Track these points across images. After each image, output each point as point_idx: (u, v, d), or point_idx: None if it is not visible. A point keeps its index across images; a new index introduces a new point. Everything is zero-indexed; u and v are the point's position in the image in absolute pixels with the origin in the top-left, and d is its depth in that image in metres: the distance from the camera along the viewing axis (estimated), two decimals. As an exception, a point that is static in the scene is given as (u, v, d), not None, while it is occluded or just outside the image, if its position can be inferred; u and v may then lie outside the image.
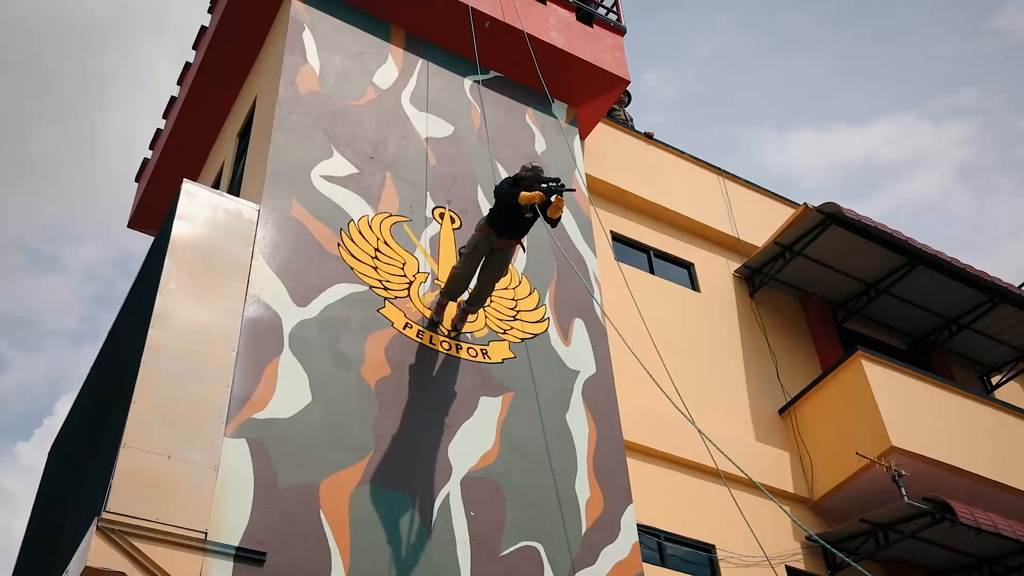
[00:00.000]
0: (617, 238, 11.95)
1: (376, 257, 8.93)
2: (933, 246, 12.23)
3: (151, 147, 13.82)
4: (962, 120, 42.77)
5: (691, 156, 13.65)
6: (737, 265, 12.82)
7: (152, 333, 7.10)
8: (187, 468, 6.60)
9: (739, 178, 13.92)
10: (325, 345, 7.99)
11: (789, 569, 9.90)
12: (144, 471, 6.42)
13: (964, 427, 11.06)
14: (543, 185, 8.00)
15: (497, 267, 8.50)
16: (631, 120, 14.51)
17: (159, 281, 7.42)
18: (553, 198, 8.05)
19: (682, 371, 10.90)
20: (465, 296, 8.72)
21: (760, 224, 13.18)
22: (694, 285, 12.34)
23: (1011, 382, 14.27)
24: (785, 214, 13.29)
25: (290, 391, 7.53)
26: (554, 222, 8.24)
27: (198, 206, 8.16)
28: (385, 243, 9.10)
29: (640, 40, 41.77)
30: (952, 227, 42.74)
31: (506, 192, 8.08)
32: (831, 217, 11.79)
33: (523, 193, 7.96)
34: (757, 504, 10.28)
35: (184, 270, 7.63)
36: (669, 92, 44.26)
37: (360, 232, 8.99)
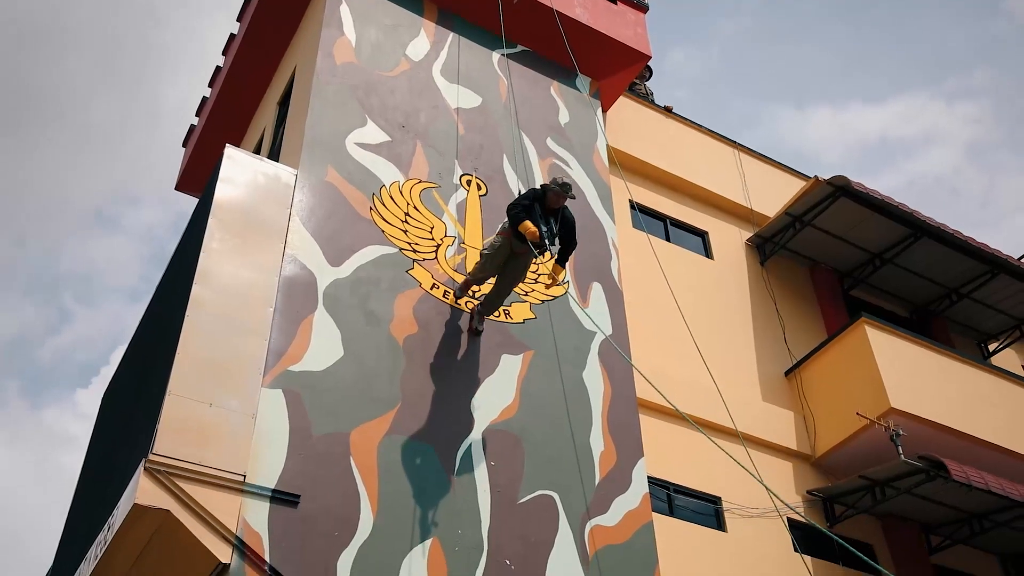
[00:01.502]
0: (635, 206, 11.84)
1: (406, 221, 8.91)
2: (943, 221, 12.07)
3: (197, 114, 13.83)
4: (974, 99, 41.97)
5: (708, 129, 13.48)
6: (749, 234, 12.69)
7: (195, 289, 7.15)
8: (227, 416, 6.67)
9: (753, 151, 13.75)
10: (357, 303, 8.01)
11: (790, 521, 9.88)
12: (187, 417, 6.50)
13: (961, 391, 10.96)
14: (544, 241, 7.75)
15: (517, 272, 8.18)
16: (651, 94, 14.33)
17: (202, 240, 7.45)
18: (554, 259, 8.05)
19: (695, 334, 10.85)
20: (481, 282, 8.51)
21: (772, 195, 13.03)
22: (708, 253, 12.24)
23: (1007, 349, 14.12)
24: (797, 186, 13.12)
25: (323, 346, 7.56)
26: (542, 251, 7.87)
27: (239, 170, 8.17)
28: (415, 208, 9.08)
29: (667, 19, 41.21)
30: (961, 203, 42.11)
31: (515, 214, 7.79)
32: (840, 189, 11.64)
33: (526, 223, 7.69)
34: (761, 460, 10.27)
35: (226, 230, 7.66)
36: (694, 69, 43.72)
37: (391, 197, 8.97)
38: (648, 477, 8.72)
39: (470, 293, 8.60)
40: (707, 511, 9.49)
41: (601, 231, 10.38)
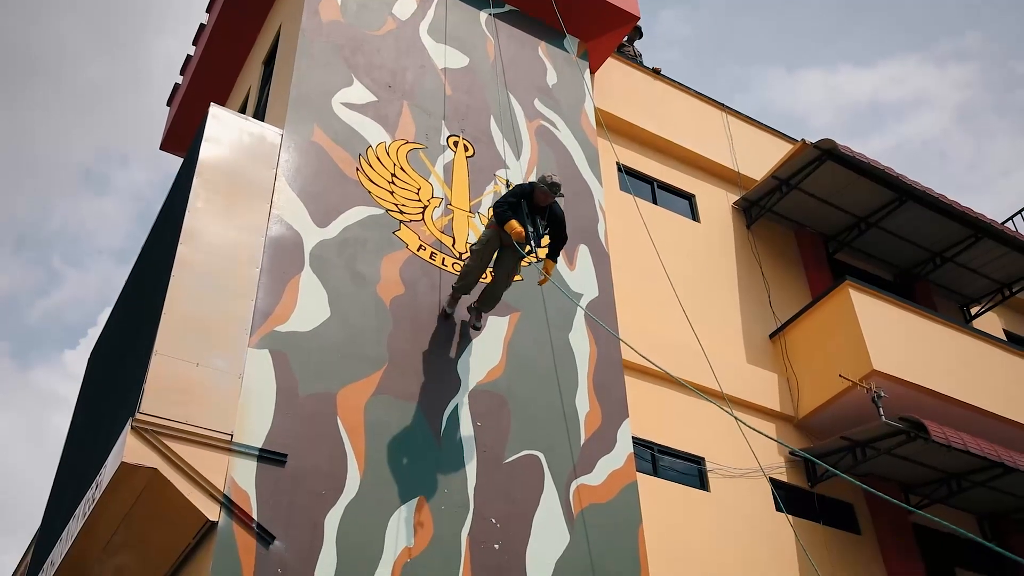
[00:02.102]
0: (622, 169, 11.81)
1: (392, 182, 8.86)
2: (930, 185, 12.11)
3: (182, 73, 13.65)
4: (964, 63, 41.89)
5: (696, 92, 13.42)
6: (736, 197, 12.69)
7: (181, 249, 7.11)
8: (214, 375, 6.67)
9: (741, 114, 13.71)
10: (343, 264, 7.99)
11: (773, 481, 10.01)
12: (174, 377, 6.50)
13: (942, 353, 11.06)
14: (531, 242, 7.52)
15: (510, 264, 7.91)
16: (640, 56, 14.22)
17: (188, 200, 7.40)
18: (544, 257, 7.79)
19: (681, 297, 10.89)
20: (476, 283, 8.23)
21: (760, 159, 13.01)
22: (695, 216, 12.24)
23: (989, 312, 14.23)
24: (784, 149, 13.11)
25: (310, 306, 7.55)
26: (526, 253, 7.62)
27: (224, 129, 8.09)
28: (401, 169, 9.03)
29: (657, -22, 40.84)
30: (949, 166, 42.21)
31: (501, 212, 7.59)
32: (827, 153, 11.63)
33: (512, 222, 7.49)
34: (745, 421, 10.37)
35: (211, 190, 7.60)
36: (684, 31, 43.39)
37: (378, 158, 8.91)
38: (633, 438, 8.80)
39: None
40: (691, 471, 9.59)
41: (588, 193, 10.35)
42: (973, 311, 14.07)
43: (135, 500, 6.48)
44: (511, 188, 7.92)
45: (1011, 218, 16.33)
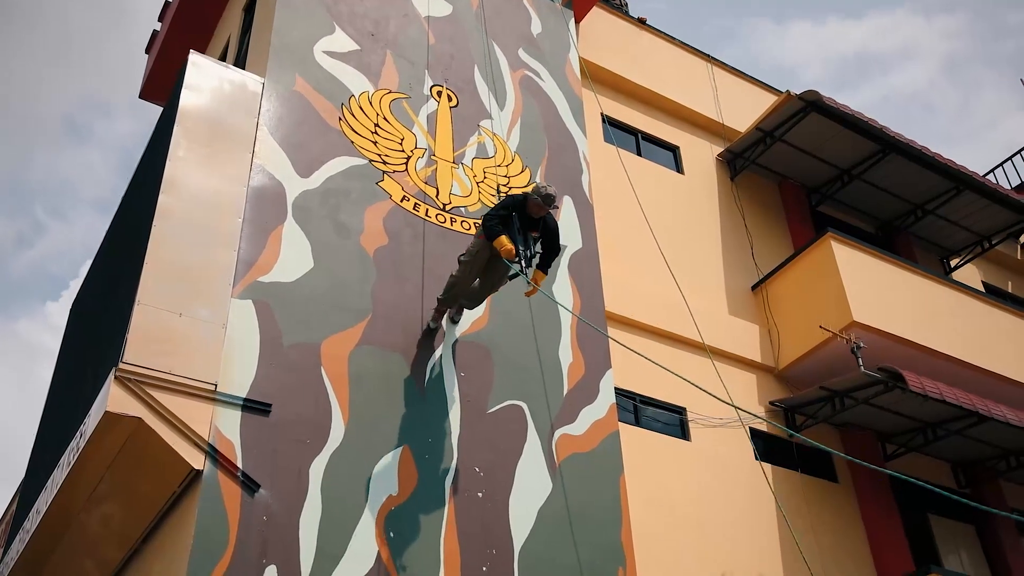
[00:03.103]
0: (607, 120, 11.74)
1: (376, 132, 8.78)
2: (916, 137, 12.11)
3: (160, 19, 13.40)
4: (953, 13, 41.65)
5: (681, 42, 13.30)
6: (720, 149, 12.65)
7: (162, 199, 7.05)
8: (197, 325, 6.65)
9: (726, 65, 13.62)
10: (326, 215, 7.94)
11: (753, 430, 10.13)
12: (157, 327, 6.48)
13: (922, 305, 11.16)
14: (520, 261, 7.09)
15: (497, 275, 7.55)
16: (625, 5, 14.04)
17: (168, 149, 7.31)
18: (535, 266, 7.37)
19: (664, 249, 10.91)
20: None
21: (744, 110, 12.96)
22: (679, 168, 12.21)
23: (968, 265, 14.35)
24: (769, 101, 13.05)
25: (293, 257, 7.52)
26: (516, 274, 7.29)
27: (205, 77, 7.97)
28: (384, 119, 8.93)
29: (642, -74, 40.14)
30: (936, 118, 42.19)
31: (491, 227, 7.16)
32: (811, 104, 11.59)
33: (502, 239, 7.08)
34: (727, 372, 10.46)
35: (192, 139, 7.51)
36: (670, -21, 42.85)
37: (360, 107, 8.81)
38: (615, 389, 8.86)
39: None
40: (672, 421, 9.69)
41: (572, 145, 10.30)
42: (953, 263, 14.18)
43: (119, 449, 6.49)
44: (502, 199, 7.43)
45: (992, 170, 16.42)
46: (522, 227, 7.26)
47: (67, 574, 8.06)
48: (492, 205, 9.03)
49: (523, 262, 7.12)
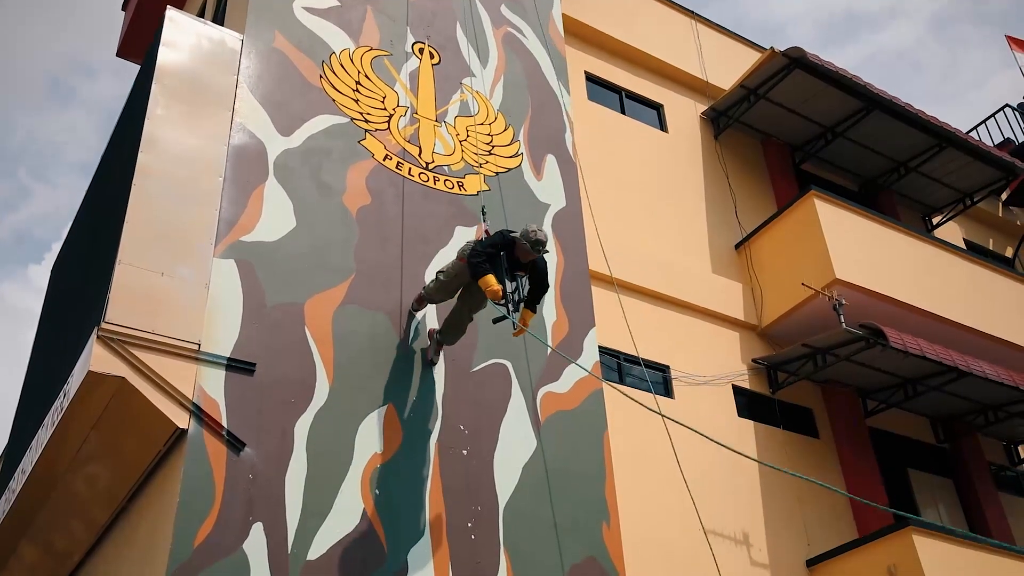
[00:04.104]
0: (590, 78, 11.68)
1: (357, 90, 8.71)
2: (903, 96, 12.13)
3: (136, -24, 13.16)
4: (941, -32, 41.42)
5: (665, -1, 13.20)
6: (704, 108, 12.63)
7: (142, 157, 6.98)
8: (179, 285, 6.64)
9: (711, 22, 13.54)
10: (308, 174, 7.90)
11: (735, 388, 10.25)
12: (139, 286, 6.46)
13: (904, 262, 11.25)
14: (507, 305, 6.68)
15: (477, 299, 7.19)
16: (609, -39, 13.89)
17: (146, 107, 7.23)
18: (521, 308, 6.92)
19: (648, 207, 10.93)
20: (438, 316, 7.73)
21: (729, 68, 12.90)
22: (663, 126, 12.18)
23: (950, 222, 14.45)
24: (753, 59, 13.00)
25: (275, 216, 7.49)
26: (502, 318, 6.83)
27: (182, 34, 7.86)
28: (366, 76, 8.86)
29: None
30: (923, 77, 42.11)
31: (477, 263, 6.73)
32: (795, 61, 11.57)
33: (488, 279, 6.66)
34: (710, 330, 10.56)
35: (170, 97, 7.43)
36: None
37: (341, 65, 8.72)
38: (599, 347, 8.92)
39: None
40: (656, 379, 9.77)
41: (555, 103, 10.25)
42: (935, 221, 14.29)
43: (103, 409, 6.50)
44: (491, 235, 7.02)
45: (975, 127, 16.47)
46: (510, 267, 6.85)
47: (55, 534, 8.11)
48: (474, 164, 9.01)
49: (510, 306, 6.68)
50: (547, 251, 6.90)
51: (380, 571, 6.49)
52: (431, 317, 7.87)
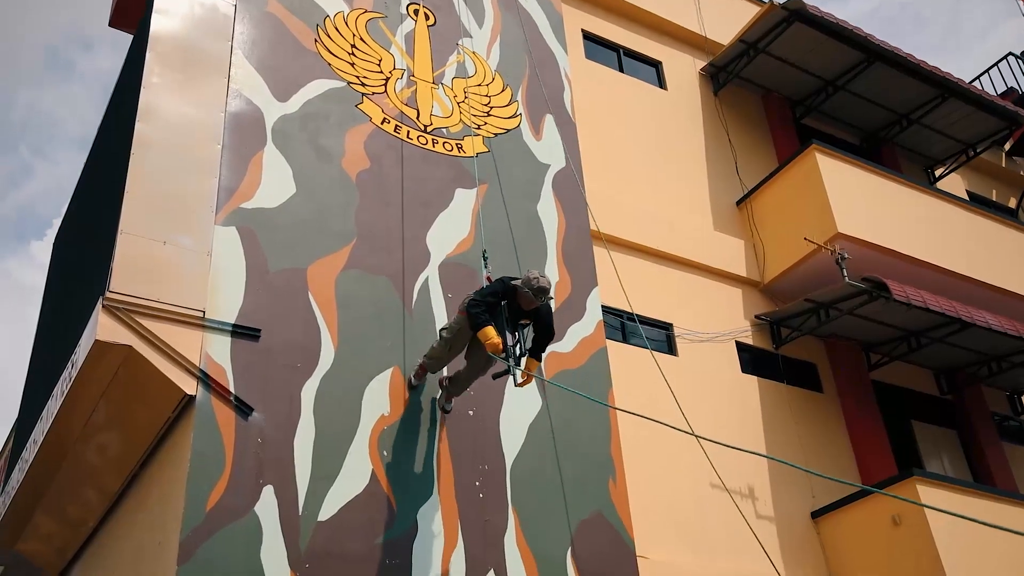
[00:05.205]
0: (588, 36, 11.61)
1: (353, 53, 8.69)
2: (906, 48, 12.03)
3: (125, -56, 13.02)
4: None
5: (662, -47, 13.06)
6: (703, 63, 12.56)
7: (139, 127, 7.01)
8: (182, 253, 6.69)
9: (708, -24, 13.41)
10: (306, 139, 7.91)
11: (739, 344, 10.31)
12: (142, 255, 6.52)
13: (906, 215, 11.26)
14: (509, 359, 6.38)
15: (483, 358, 6.81)
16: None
17: (142, 76, 7.23)
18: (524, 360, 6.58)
19: (648, 165, 10.92)
20: (446, 370, 7.34)
21: (728, 23, 12.81)
22: (661, 83, 12.13)
23: (952, 174, 14.42)
24: (752, 13, 12.91)
25: (275, 182, 7.52)
26: (505, 372, 6.54)
27: (175, 1, 7.83)
28: (361, 39, 8.83)
29: None
30: (926, 30, 41.68)
31: (476, 314, 6.41)
32: (794, 14, 11.48)
33: (487, 331, 6.34)
34: (712, 287, 10.60)
35: (165, 64, 7.43)
36: None
37: (336, 28, 8.70)
38: (602, 306, 8.98)
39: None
40: (659, 337, 9.84)
41: (553, 62, 10.22)
42: (937, 173, 14.26)
43: (111, 378, 6.59)
44: (491, 283, 6.72)
45: (978, 77, 16.38)
46: (511, 316, 6.55)
47: (68, 503, 8.25)
48: (473, 125, 9.00)
49: (512, 360, 6.38)
50: (551, 298, 6.55)
51: (390, 531, 6.62)
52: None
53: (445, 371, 7.35)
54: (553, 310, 6.66)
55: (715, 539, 8.62)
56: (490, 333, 6.33)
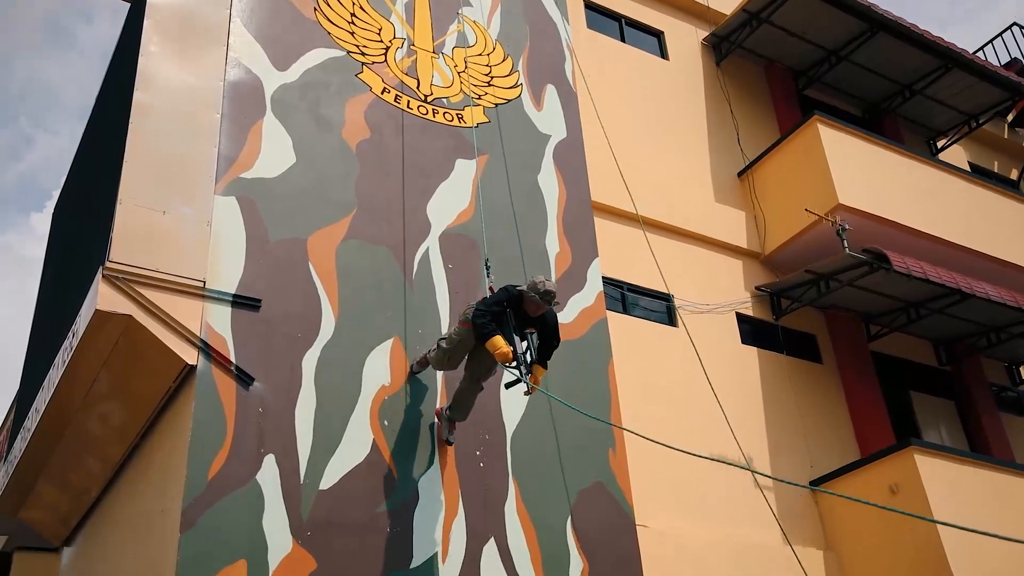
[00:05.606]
0: (589, 6, 11.49)
1: (353, 22, 8.60)
2: (912, 19, 11.92)
3: (122, -89, 12.87)
4: None
5: (664, -79, 12.89)
6: (705, 34, 12.45)
7: (137, 95, 6.95)
8: (181, 222, 6.66)
9: (711, -56, 13.26)
10: (306, 108, 7.85)
11: (739, 315, 10.30)
12: (141, 225, 6.49)
13: (907, 186, 11.20)
14: (519, 367, 6.19)
15: (486, 365, 6.71)
16: None
17: (140, 44, 7.16)
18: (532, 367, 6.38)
19: (649, 136, 10.85)
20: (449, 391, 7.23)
21: (730, -8, 12.70)
22: (663, 53, 12.03)
23: (954, 146, 14.34)
24: (755, -19, 12.76)
25: (275, 152, 7.47)
26: (515, 382, 6.32)
27: (172, -31, 7.73)
28: (361, 8, 8.74)
29: None
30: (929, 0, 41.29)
31: (483, 324, 6.26)
32: (798, -17, 11.37)
33: (495, 340, 6.19)
34: (713, 258, 10.57)
35: (163, 33, 7.36)
36: None
37: (336, -3, 8.60)
38: (603, 277, 8.95)
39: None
40: (659, 308, 9.83)
41: (555, 32, 10.12)
42: (939, 144, 14.18)
43: (112, 347, 6.58)
44: (495, 292, 6.57)
45: (982, 47, 16.24)
46: (518, 324, 6.38)
47: (71, 471, 8.28)
48: (473, 95, 8.93)
49: (522, 368, 6.19)
50: (557, 303, 6.44)
51: (391, 500, 6.64)
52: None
53: (438, 402, 7.21)
54: (557, 295, 6.48)
55: (714, 508, 8.67)
56: (499, 343, 6.17)
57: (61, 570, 9.73)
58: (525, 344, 6.36)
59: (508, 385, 6.42)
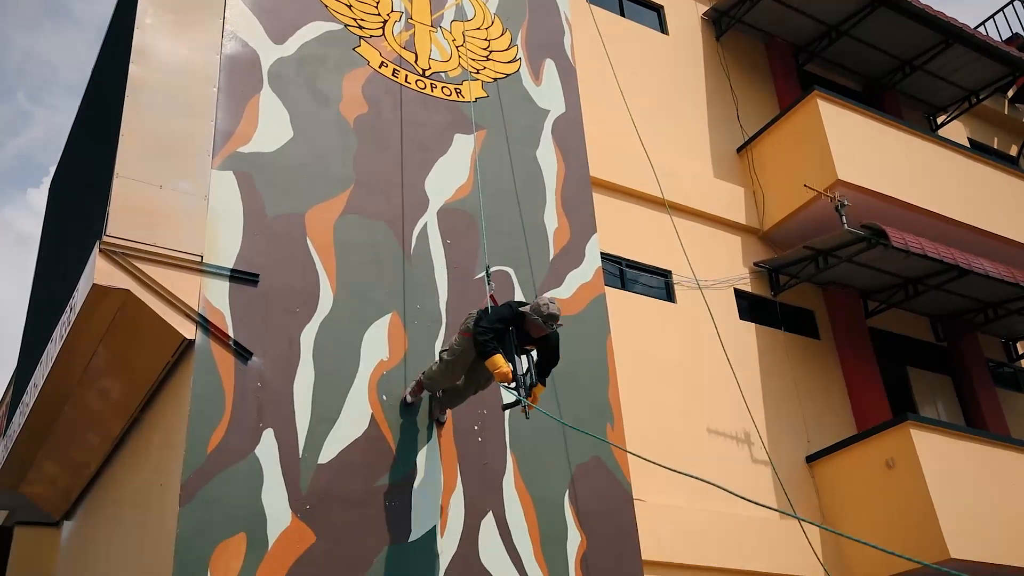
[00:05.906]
0: (588, -20, 11.38)
1: (350, -5, 8.50)
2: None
3: None
4: None
5: None
6: (705, 8, 12.34)
7: (133, 69, 6.88)
8: (179, 197, 6.62)
9: (711, -82, 13.11)
10: (303, 82, 7.79)
11: (737, 291, 10.29)
12: (138, 199, 6.45)
13: (907, 162, 11.16)
14: (519, 388, 6.08)
15: (485, 377, 6.59)
16: None
17: (135, 17, 7.08)
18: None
19: (649, 111, 10.78)
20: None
21: (730, -35, 12.56)
22: (663, 28, 11.93)
23: (954, 122, 14.27)
24: (755, -44, 12.63)
25: (272, 126, 7.42)
26: (514, 403, 6.27)
27: (167, -60, 7.64)
28: (358, -19, 8.64)
29: None
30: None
31: (484, 342, 6.12)
32: (799, -44, 11.26)
33: (496, 359, 6.06)
34: (712, 234, 10.54)
35: (159, 5, 7.29)
36: None
37: (333, -31, 8.50)
38: (601, 253, 8.92)
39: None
40: (658, 284, 9.81)
41: (554, 6, 10.02)
42: (939, 120, 14.10)
43: (110, 322, 6.56)
44: (498, 307, 6.42)
45: (983, 23, 16.13)
46: (519, 342, 6.28)
47: (71, 446, 8.29)
48: (472, 70, 8.86)
49: (522, 389, 6.08)
50: (561, 324, 6.30)
51: (390, 474, 6.65)
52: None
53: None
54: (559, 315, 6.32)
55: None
56: (499, 362, 6.05)
57: (61, 544, 9.77)
58: (526, 365, 6.26)
59: (506, 407, 6.41)
